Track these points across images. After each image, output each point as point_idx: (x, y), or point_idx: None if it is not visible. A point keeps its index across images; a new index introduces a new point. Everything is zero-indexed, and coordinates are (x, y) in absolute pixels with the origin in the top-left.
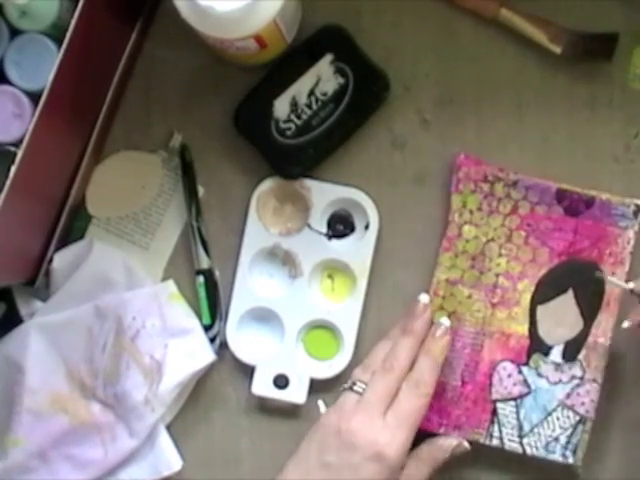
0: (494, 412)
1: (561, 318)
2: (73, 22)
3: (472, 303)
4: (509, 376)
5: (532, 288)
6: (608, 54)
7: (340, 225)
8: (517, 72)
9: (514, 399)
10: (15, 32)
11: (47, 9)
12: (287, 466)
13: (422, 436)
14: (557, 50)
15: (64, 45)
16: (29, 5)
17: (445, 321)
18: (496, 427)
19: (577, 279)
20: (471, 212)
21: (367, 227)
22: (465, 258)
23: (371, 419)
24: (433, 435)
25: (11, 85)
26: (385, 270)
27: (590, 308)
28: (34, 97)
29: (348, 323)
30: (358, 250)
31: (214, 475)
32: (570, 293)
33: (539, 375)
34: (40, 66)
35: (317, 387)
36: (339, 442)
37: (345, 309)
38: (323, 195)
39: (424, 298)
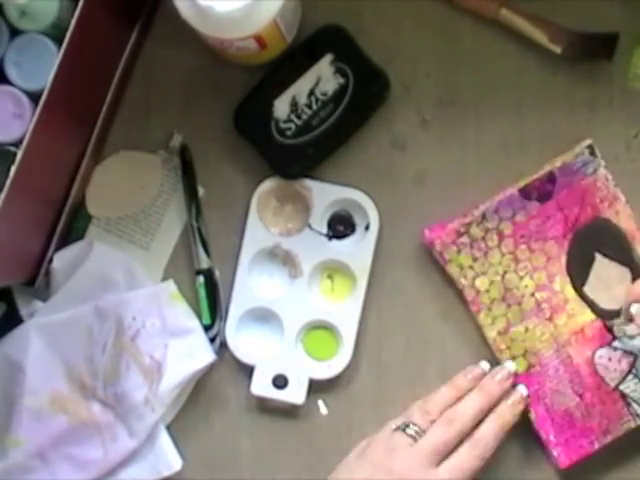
0: (623, 396)
1: (608, 281)
2: (73, 22)
3: (533, 333)
4: (610, 359)
5: (567, 279)
6: (608, 54)
7: (340, 226)
8: (517, 72)
9: (629, 372)
10: (15, 32)
11: (47, 9)
12: None
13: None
14: (557, 50)
15: (64, 45)
16: (29, 5)
17: (523, 389)
18: (635, 405)
19: (594, 242)
20: (471, 267)
21: (367, 228)
22: (497, 304)
23: (424, 467)
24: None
25: (11, 85)
26: (385, 270)
27: (624, 254)
28: (34, 97)
29: (348, 324)
30: (358, 251)
31: (214, 475)
32: (598, 257)
33: (631, 338)
34: (40, 66)
35: (316, 387)
36: None
37: (345, 310)
38: (324, 196)
39: (510, 366)
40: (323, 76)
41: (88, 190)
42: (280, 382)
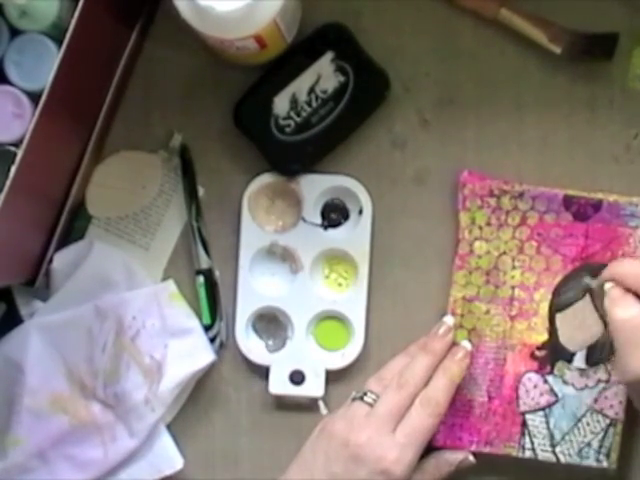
0: (524, 424)
1: (581, 323)
2: (73, 22)
3: (491, 318)
4: (535, 387)
5: (549, 297)
6: (608, 54)
7: (334, 214)
8: (517, 72)
9: (542, 409)
10: (15, 32)
11: (47, 9)
12: (291, 468)
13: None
14: (557, 50)
15: (64, 45)
16: (29, 5)
17: (467, 344)
18: (527, 439)
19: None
20: (480, 228)
21: (361, 212)
22: (479, 274)
23: (380, 434)
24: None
25: (11, 85)
26: (385, 270)
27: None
28: (34, 97)
29: (355, 310)
30: (355, 236)
31: (214, 475)
32: (587, 298)
33: (565, 382)
34: (40, 66)
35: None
36: (347, 454)
37: (350, 297)
38: (313, 187)
39: (449, 320)
40: (323, 74)
41: (88, 190)
42: (297, 378)
